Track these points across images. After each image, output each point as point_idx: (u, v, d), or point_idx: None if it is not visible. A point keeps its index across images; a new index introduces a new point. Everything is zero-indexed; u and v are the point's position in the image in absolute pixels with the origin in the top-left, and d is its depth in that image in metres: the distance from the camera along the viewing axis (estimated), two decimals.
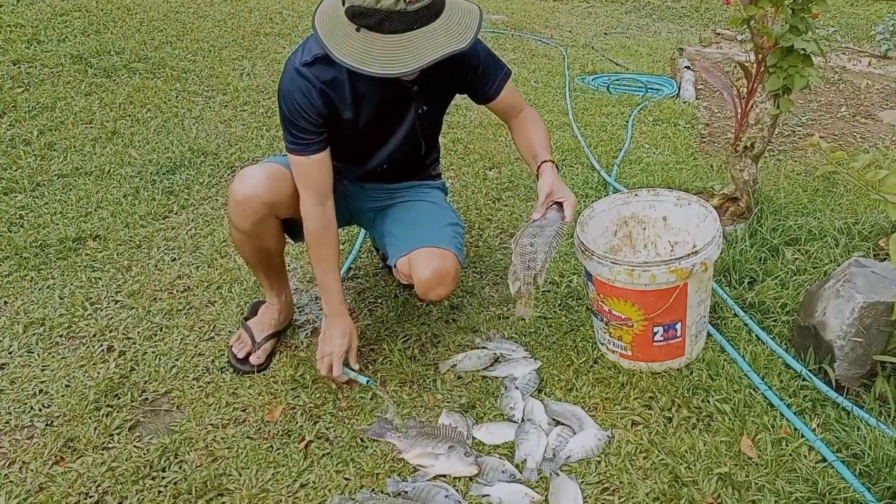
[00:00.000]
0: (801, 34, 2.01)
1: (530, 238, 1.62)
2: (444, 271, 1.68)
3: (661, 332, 1.71)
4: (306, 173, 1.63)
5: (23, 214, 2.49)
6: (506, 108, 1.82)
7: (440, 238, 1.73)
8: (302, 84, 1.55)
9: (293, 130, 1.59)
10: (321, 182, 1.65)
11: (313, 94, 1.55)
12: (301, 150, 1.61)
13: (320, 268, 1.71)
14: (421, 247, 1.70)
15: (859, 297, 1.65)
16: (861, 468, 1.47)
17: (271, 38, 4.51)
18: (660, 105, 3.70)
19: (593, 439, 1.57)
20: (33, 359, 1.85)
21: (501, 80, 1.76)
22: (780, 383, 1.72)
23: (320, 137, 1.61)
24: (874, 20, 5.91)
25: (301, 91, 1.55)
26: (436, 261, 1.68)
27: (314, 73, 1.55)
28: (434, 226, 1.78)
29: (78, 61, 3.75)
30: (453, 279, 1.72)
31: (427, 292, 1.71)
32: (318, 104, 1.56)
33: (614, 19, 6.44)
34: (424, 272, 1.67)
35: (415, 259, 1.70)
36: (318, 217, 1.66)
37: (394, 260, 1.77)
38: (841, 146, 3.26)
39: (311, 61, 1.55)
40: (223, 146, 3.03)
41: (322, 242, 1.68)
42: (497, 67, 1.76)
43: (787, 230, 2.27)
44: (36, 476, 1.51)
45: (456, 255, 1.73)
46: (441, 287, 1.70)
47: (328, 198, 1.67)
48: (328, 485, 1.49)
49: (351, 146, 1.73)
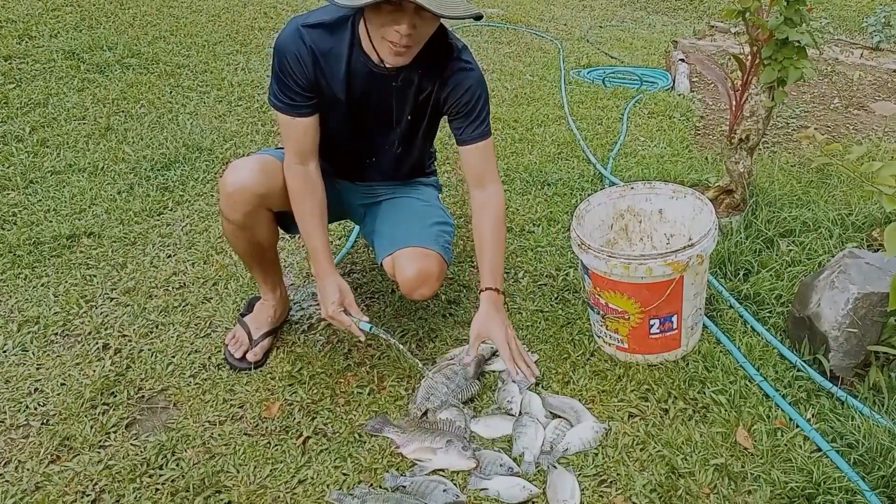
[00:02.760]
0: (796, 26, 2.01)
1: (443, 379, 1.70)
2: (427, 272, 1.68)
3: (657, 324, 1.72)
4: (289, 132, 1.62)
5: (16, 212, 2.47)
6: (474, 167, 1.71)
7: (425, 237, 1.72)
8: (298, 45, 1.53)
9: (281, 88, 1.58)
10: (304, 144, 1.63)
11: (306, 59, 1.53)
12: (286, 110, 1.60)
13: (304, 227, 1.68)
14: (405, 246, 1.70)
15: (853, 288, 1.66)
16: (855, 457, 1.48)
17: (265, 32, 4.48)
18: (655, 98, 3.70)
19: (590, 432, 1.57)
20: (28, 357, 1.84)
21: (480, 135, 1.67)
22: (776, 374, 1.73)
23: (308, 102, 1.59)
24: (866, 12, 5.92)
25: (294, 52, 1.54)
26: (419, 261, 1.67)
27: (312, 38, 1.54)
28: (419, 225, 1.77)
29: (70, 57, 3.72)
30: (437, 279, 1.71)
31: (411, 292, 1.70)
32: (308, 70, 1.55)
33: (609, 12, 6.43)
34: (408, 272, 1.67)
35: (398, 259, 1.69)
36: (300, 175, 1.64)
37: (380, 259, 1.77)
38: (834, 138, 3.27)
39: (313, 24, 1.53)
40: (218, 142, 3.01)
41: (304, 199, 1.65)
42: (483, 121, 1.67)
43: (781, 222, 2.28)
44: (32, 475, 1.51)
45: (441, 254, 1.72)
46: (424, 287, 1.69)
47: (311, 160, 1.65)
48: (326, 480, 1.49)
49: (340, 137, 1.72)
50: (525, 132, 3.23)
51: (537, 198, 2.63)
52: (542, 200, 2.61)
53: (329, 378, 1.77)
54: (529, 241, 2.35)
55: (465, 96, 1.64)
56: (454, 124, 1.69)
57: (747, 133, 2.28)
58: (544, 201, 2.60)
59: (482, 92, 1.66)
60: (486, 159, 1.71)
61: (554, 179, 2.74)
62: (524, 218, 2.50)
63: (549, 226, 2.44)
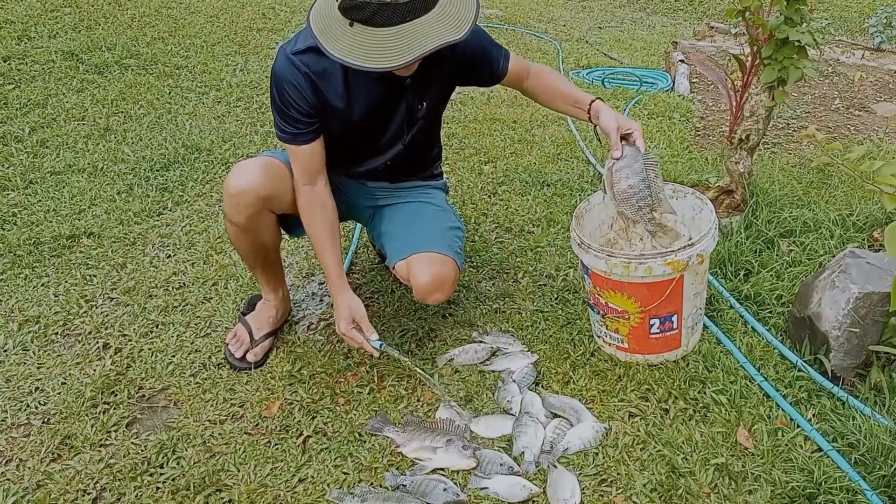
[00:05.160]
0: (797, 25, 2.01)
1: (626, 182, 1.64)
2: (442, 277, 1.68)
3: (657, 324, 1.71)
4: (295, 157, 1.65)
5: (16, 212, 2.47)
6: (515, 78, 1.80)
7: (440, 243, 1.72)
8: (293, 72, 1.54)
9: (283, 118, 1.59)
10: (311, 166, 1.65)
11: (303, 85, 1.54)
12: (290, 140, 1.61)
13: (316, 245, 1.70)
14: (420, 251, 1.69)
15: (854, 288, 1.66)
16: (856, 457, 1.48)
17: (264, 33, 4.49)
18: (654, 99, 3.70)
19: (591, 431, 1.57)
20: (29, 356, 1.84)
21: (504, 61, 1.75)
22: (776, 374, 1.73)
23: (310, 128, 1.60)
24: (867, 13, 5.93)
25: (291, 80, 1.54)
26: (435, 267, 1.67)
27: (305, 63, 1.54)
28: (434, 230, 1.77)
29: (69, 58, 3.72)
30: (452, 284, 1.71)
31: (425, 297, 1.70)
32: (308, 95, 1.55)
33: (608, 13, 6.43)
34: (423, 278, 1.66)
35: (413, 264, 1.69)
36: (308, 195, 1.66)
37: (393, 262, 1.76)
38: (835, 138, 3.27)
39: (303, 50, 1.53)
40: (217, 142, 3.01)
41: (314, 217, 1.67)
42: (499, 52, 1.75)
43: (782, 222, 2.28)
44: (33, 473, 1.51)
45: (455, 260, 1.72)
46: (439, 293, 1.69)
47: (319, 178, 1.67)
48: (327, 479, 1.49)
49: (348, 141, 1.72)
50: (524, 133, 3.24)
51: (537, 198, 2.63)
52: (542, 201, 2.61)
53: (329, 377, 1.77)
54: (529, 241, 2.35)
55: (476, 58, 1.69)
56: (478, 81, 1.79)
57: (747, 133, 2.28)
58: (544, 202, 2.60)
59: (483, 44, 1.71)
60: (519, 68, 1.79)
61: (553, 180, 2.75)
62: (524, 218, 2.50)
63: (549, 226, 2.44)
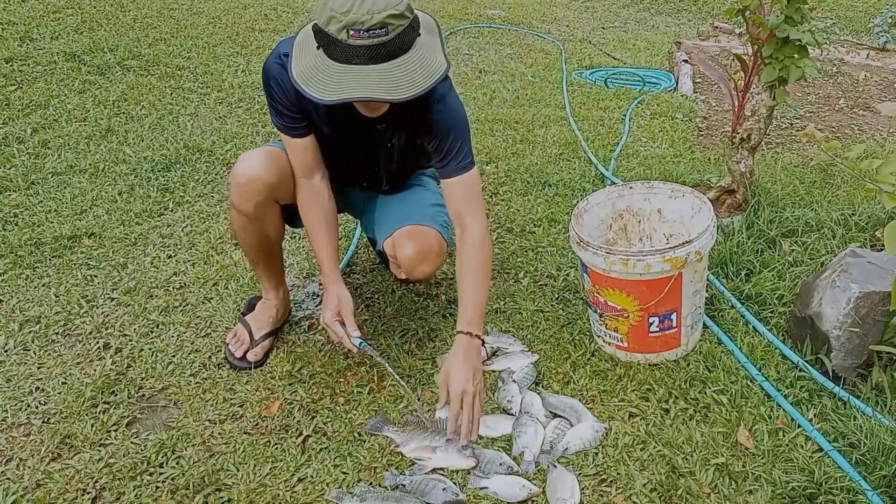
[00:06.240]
0: (797, 24, 2.01)
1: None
2: (426, 247, 1.69)
3: (656, 322, 1.71)
4: (290, 150, 1.68)
5: (17, 213, 2.48)
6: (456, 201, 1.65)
7: (423, 216, 1.74)
8: (279, 71, 1.56)
9: (275, 110, 1.63)
10: (306, 159, 1.67)
11: (287, 84, 1.54)
12: (284, 129, 1.65)
13: (311, 237, 1.72)
14: (403, 226, 1.72)
15: (855, 287, 1.65)
16: (857, 457, 1.47)
17: (266, 34, 4.50)
18: (657, 99, 3.69)
19: (591, 431, 1.57)
20: (29, 356, 1.85)
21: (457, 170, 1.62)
22: (777, 374, 1.72)
23: (299, 124, 1.63)
24: (872, 12, 5.91)
25: (276, 78, 1.57)
26: (418, 237, 1.69)
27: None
28: (418, 206, 1.80)
29: (71, 59, 3.73)
30: (437, 255, 1.72)
31: (412, 270, 1.71)
32: (291, 94, 1.56)
33: (612, 13, 6.42)
34: (407, 250, 1.69)
35: (398, 238, 1.72)
36: (305, 188, 1.70)
37: (380, 244, 1.79)
38: (839, 138, 3.25)
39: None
40: (218, 143, 3.02)
41: (310, 210, 1.70)
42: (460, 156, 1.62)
43: (783, 222, 2.27)
44: (33, 473, 1.51)
45: (440, 231, 1.74)
46: (425, 264, 1.70)
47: (316, 173, 1.69)
48: (326, 479, 1.49)
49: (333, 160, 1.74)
50: (526, 133, 3.23)
51: (538, 198, 2.62)
52: (544, 201, 2.61)
53: (329, 377, 1.77)
54: (530, 241, 2.35)
55: (441, 139, 1.60)
56: (434, 159, 1.66)
57: (749, 132, 2.28)
58: (545, 202, 2.60)
59: (459, 131, 1.61)
60: (468, 192, 1.63)
61: (555, 180, 2.74)
62: (525, 218, 2.49)
63: (550, 226, 2.44)
